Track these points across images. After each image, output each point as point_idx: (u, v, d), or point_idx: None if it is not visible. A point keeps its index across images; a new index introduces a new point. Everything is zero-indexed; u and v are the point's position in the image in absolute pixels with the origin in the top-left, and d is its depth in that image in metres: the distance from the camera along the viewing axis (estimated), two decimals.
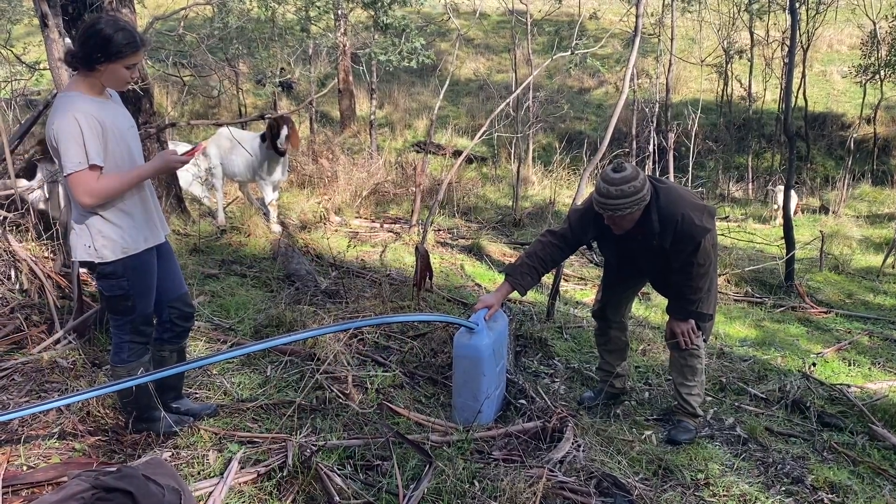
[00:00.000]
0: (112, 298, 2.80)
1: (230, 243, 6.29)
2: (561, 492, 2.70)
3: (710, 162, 15.10)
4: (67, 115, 2.53)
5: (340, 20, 11.66)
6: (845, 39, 19.22)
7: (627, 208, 3.13)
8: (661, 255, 3.36)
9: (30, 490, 2.56)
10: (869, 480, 3.34)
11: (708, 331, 3.59)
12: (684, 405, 3.62)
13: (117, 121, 2.69)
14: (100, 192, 2.59)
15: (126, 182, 2.65)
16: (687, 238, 3.25)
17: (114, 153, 2.65)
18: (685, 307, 3.47)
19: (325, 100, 14.95)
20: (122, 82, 2.67)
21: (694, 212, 3.26)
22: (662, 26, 15.00)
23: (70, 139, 2.52)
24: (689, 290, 3.40)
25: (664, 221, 3.24)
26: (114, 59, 2.57)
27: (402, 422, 3.29)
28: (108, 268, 2.73)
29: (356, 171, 9.37)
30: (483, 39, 20.97)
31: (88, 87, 2.63)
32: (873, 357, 5.22)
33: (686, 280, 3.37)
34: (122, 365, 2.87)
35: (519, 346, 4.48)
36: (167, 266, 2.97)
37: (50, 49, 3.49)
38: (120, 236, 2.71)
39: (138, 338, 2.88)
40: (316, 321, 4.35)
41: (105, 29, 2.55)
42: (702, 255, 3.29)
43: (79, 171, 2.54)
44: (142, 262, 2.79)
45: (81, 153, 2.53)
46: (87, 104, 2.58)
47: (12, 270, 4.29)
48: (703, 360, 3.64)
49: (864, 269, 8.44)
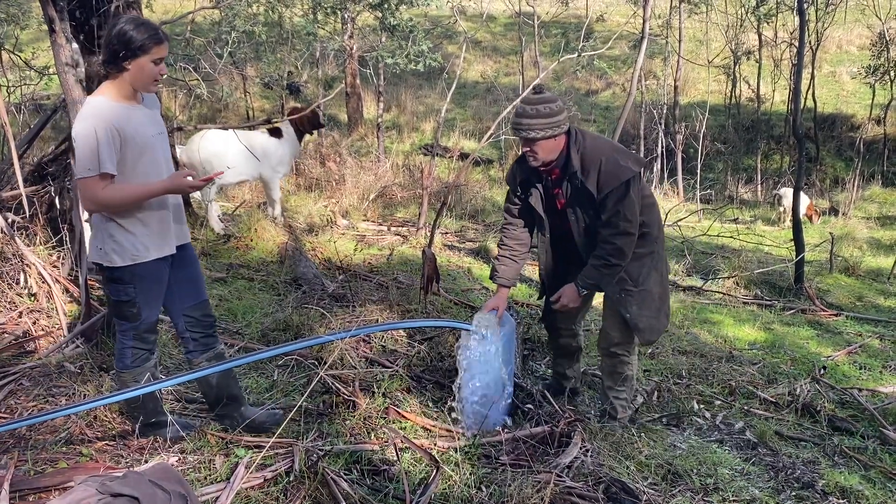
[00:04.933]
0: (118, 303, 2.80)
1: (237, 247, 6.29)
2: (569, 497, 2.68)
3: (718, 164, 15.04)
4: (87, 121, 2.55)
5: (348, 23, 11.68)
6: (854, 40, 19.12)
7: (541, 130, 3.11)
8: (590, 207, 3.25)
9: (37, 495, 2.56)
10: (880, 485, 3.30)
11: (645, 338, 3.45)
12: (609, 410, 3.57)
13: (142, 127, 2.68)
14: (102, 201, 2.60)
15: (132, 196, 2.65)
16: (612, 178, 3.15)
17: (134, 161, 2.65)
18: (596, 271, 3.28)
19: (332, 103, 14.97)
20: (152, 79, 2.66)
21: (619, 153, 3.22)
22: (670, 28, 14.97)
23: (85, 145, 2.54)
24: (607, 250, 3.22)
25: (586, 161, 3.18)
26: (139, 54, 2.58)
27: (409, 426, 3.28)
28: (115, 272, 2.73)
29: (363, 174, 9.38)
30: (490, 42, 20.97)
31: (116, 91, 2.64)
32: (884, 360, 5.18)
33: (610, 234, 3.20)
34: (127, 371, 2.87)
35: (527, 349, 4.46)
36: (187, 272, 2.94)
37: (57, 54, 3.50)
38: (131, 243, 2.70)
39: (141, 344, 2.88)
40: (323, 325, 4.34)
41: (126, 27, 2.58)
42: (629, 206, 3.17)
43: (87, 178, 2.56)
44: (150, 271, 2.77)
45: (93, 160, 2.54)
46: (111, 111, 2.59)
47: (21, 274, 4.31)
48: (635, 368, 3.59)
49: (875, 271, 8.38)
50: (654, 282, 3.40)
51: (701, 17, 16.14)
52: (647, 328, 3.41)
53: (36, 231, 4.65)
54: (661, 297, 3.45)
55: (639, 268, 3.34)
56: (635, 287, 3.34)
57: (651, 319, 3.40)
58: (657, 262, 3.42)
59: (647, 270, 3.36)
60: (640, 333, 3.42)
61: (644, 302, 3.37)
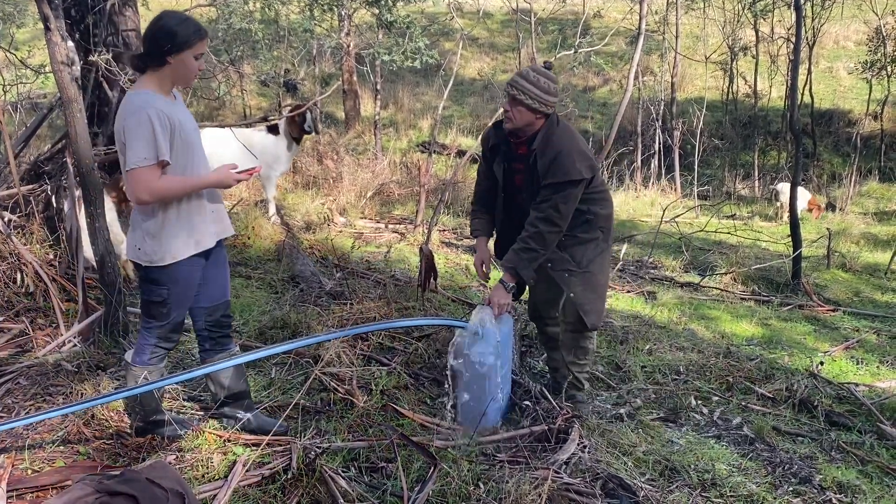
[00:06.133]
0: (148, 303, 2.80)
1: (235, 244, 6.29)
2: (566, 493, 2.69)
3: (715, 160, 15.05)
4: (140, 111, 2.55)
5: (344, 20, 11.66)
6: (851, 35, 19.12)
7: (528, 98, 3.21)
8: (533, 190, 3.34)
9: (34, 494, 2.56)
10: (878, 480, 3.31)
11: (591, 321, 3.53)
12: (575, 382, 3.68)
13: (186, 120, 2.70)
14: (158, 191, 2.59)
15: (186, 187, 2.66)
16: (560, 171, 3.22)
17: (180, 153, 2.66)
18: (515, 254, 3.34)
19: (329, 100, 14.95)
20: (192, 73, 2.68)
21: (578, 154, 3.27)
22: (667, 24, 14.96)
23: (140, 134, 2.53)
24: (529, 232, 3.29)
25: (548, 146, 3.27)
26: (183, 48, 2.60)
27: (406, 423, 3.28)
28: (152, 273, 2.73)
29: (361, 172, 9.37)
30: (487, 38, 20.95)
31: (157, 85, 2.65)
32: (881, 355, 5.19)
33: (536, 218, 3.28)
34: (142, 366, 2.87)
35: (524, 346, 4.46)
36: (216, 272, 2.95)
37: (52, 52, 3.48)
38: (169, 242, 2.69)
39: (165, 343, 2.89)
40: (321, 322, 4.34)
41: (169, 22, 2.61)
42: (564, 200, 3.24)
43: (142, 167, 2.54)
44: (186, 272, 2.76)
45: (149, 149, 2.54)
46: (160, 102, 2.60)
47: (18, 273, 4.30)
48: (594, 341, 3.73)
49: (872, 267, 8.39)
50: (597, 267, 3.51)
51: (698, 13, 16.13)
52: (593, 311, 3.52)
53: (32, 230, 4.65)
54: (603, 285, 3.60)
55: (582, 251, 3.44)
56: (578, 268, 3.45)
57: (596, 302, 3.53)
58: (603, 251, 3.53)
59: (591, 255, 3.46)
60: (586, 316, 3.52)
61: (589, 284, 3.48)
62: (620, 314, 5.67)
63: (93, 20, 4.18)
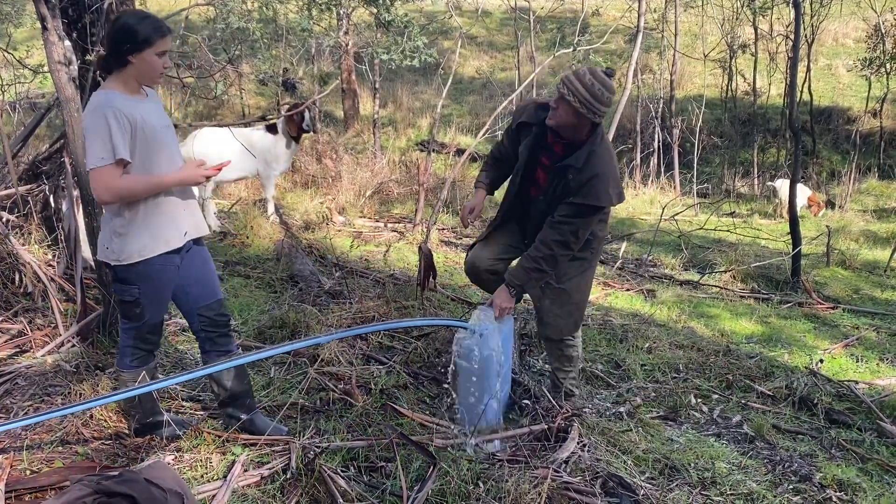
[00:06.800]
0: (122, 303, 2.79)
1: (234, 244, 6.28)
2: (566, 492, 2.68)
3: (715, 158, 15.04)
4: (97, 111, 2.53)
5: (343, 19, 11.65)
6: (850, 33, 19.09)
7: (578, 103, 3.01)
8: (555, 198, 3.24)
9: (33, 495, 2.56)
10: (878, 478, 3.31)
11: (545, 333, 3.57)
12: (566, 391, 3.67)
13: (151, 119, 2.66)
14: (119, 191, 2.56)
15: (150, 186, 2.63)
16: (592, 194, 3.13)
17: (146, 152, 2.63)
18: (525, 273, 3.30)
19: (328, 99, 14.94)
20: (156, 72, 2.65)
21: (613, 181, 3.18)
22: (665, 22, 14.94)
23: (96, 134, 2.51)
24: (543, 253, 3.23)
25: (588, 163, 3.12)
26: (144, 47, 2.56)
27: (405, 423, 3.28)
28: (121, 272, 2.71)
29: (360, 171, 9.36)
30: (486, 37, 20.92)
31: (123, 85, 2.62)
32: (881, 353, 5.18)
33: (553, 239, 3.21)
34: (127, 370, 2.86)
35: (524, 345, 4.46)
36: (200, 272, 2.91)
37: (50, 52, 3.47)
38: (136, 240, 2.66)
39: (142, 345, 2.87)
40: (320, 322, 4.33)
41: (129, 20, 2.57)
42: (584, 226, 3.20)
43: (101, 167, 2.52)
44: (157, 270, 2.73)
45: (106, 148, 2.51)
46: (120, 101, 2.57)
47: (16, 273, 4.29)
48: (580, 348, 3.70)
49: (871, 264, 8.38)
50: (574, 286, 3.45)
51: (696, 10, 16.10)
52: (552, 325, 3.50)
53: (31, 230, 4.64)
54: (577, 304, 3.51)
55: (565, 268, 3.38)
56: (556, 283, 3.41)
57: (558, 318, 3.49)
58: (586, 269, 3.48)
59: (571, 273, 3.41)
60: (542, 326, 3.54)
61: (558, 299, 3.45)
62: (620, 312, 5.67)
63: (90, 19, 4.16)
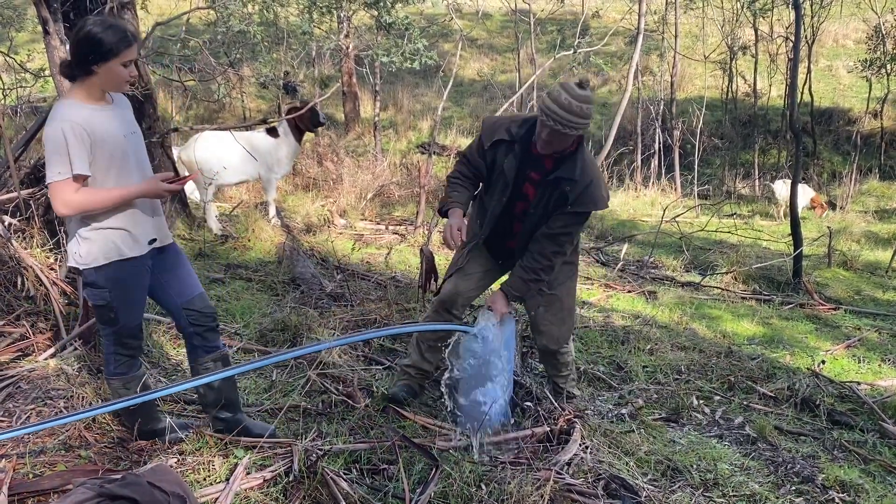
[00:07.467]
0: (96, 307, 2.77)
1: (235, 247, 6.29)
2: (569, 494, 2.68)
3: (715, 159, 15.04)
4: (54, 124, 2.47)
5: (343, 22, 11.66)
6: (851, 34, 19.10)
7: (574, 129, 2.95)
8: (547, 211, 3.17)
9: (35, 498, 2.55)
10: (880, 479, 3.31)
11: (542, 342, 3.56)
12: (567, 394, 3.70)
13: (113, 127, 2.59)
14: (76, 205, 2.51)
15: (106, 200, 2.56)
16: (590, 201, 3.13)
17: (106, 163, 2.57)
18: (524, 284, 3.26)
19: (329, 102, 14.95)
20: (122, 81, 2.58)
21: (602, 185, 3.21)
22: (666, 23, 14.96)
23: (54, 149, 2.46)
24: (542, 265, 3.20)
25: (584, 175, 3.09)
26: (108, 57, 2.48)
27: (408, 425, 3.28)
28: (90, 276, 2.68)
29: (361, 174, 9.37)
30: (486, 39, 20.94)
31: (86, 93, 2.56)
32: (883, 354, 5.18)
33: (551, 251, 3.18)
34: (114, 377, 2.85)
35: (525, 347, 4.46)
36: (176, 271, 2.87)
37: (51, 55, 3.49)
38: (102, 244, 2.62)
39: (123, 350, 2.84)
40: (322, 325, 4.34)
41: (94, 29, 2.47)
42: (576, 235, 3.24)
43: (58, 182, 2.47)
44: (126, 273, 2.69)
45: (63, 163, 2.46)
46: (79, 112, 2.51)
47: (18, 277, 4.29)
48: (572, 354, 3.73)
49: (873, 265, 8.38)
50: (565, 291, 3.47)
51: (697, 12, 16.12)
52: (547, 333, 3.50)
53: (33, 234, 4.64)
54: (569, 310, 3.53)
55: (556, 272, 3.37)
56: (547, 289, 3.40)
57: (552, 326, 3.49)
58: (573, 274, 3.51)
59: (562, 278, 3.43)
60: (539, 336, 3.53)
61: (552, 306, 3.45)
62: (621, 314, 5.66)
63: None
